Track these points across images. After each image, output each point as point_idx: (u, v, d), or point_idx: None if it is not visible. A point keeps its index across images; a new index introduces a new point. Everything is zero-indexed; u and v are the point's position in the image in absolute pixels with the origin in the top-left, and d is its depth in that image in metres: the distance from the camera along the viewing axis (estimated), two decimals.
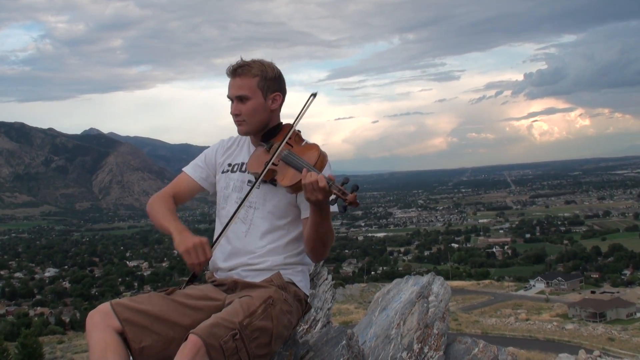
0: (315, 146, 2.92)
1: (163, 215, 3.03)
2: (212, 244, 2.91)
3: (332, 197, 2.53)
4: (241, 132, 3.11)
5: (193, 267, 2.80)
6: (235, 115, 3.04)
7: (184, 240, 2.79)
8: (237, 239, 3.05)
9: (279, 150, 2.91)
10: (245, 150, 3.24)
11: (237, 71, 3.01)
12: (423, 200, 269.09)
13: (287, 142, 2.96)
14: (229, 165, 3.23)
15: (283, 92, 3.14)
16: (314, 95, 2.96)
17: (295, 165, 2.80)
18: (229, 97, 3.06)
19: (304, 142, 3.05)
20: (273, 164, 2.90)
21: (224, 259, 3.09)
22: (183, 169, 3.31)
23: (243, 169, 3.15)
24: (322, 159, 2.83)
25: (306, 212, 2.90)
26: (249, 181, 3.08)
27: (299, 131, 3.08)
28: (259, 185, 3.00)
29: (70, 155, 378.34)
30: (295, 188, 2.80)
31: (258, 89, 3.02)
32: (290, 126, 3.03)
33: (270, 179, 3.00)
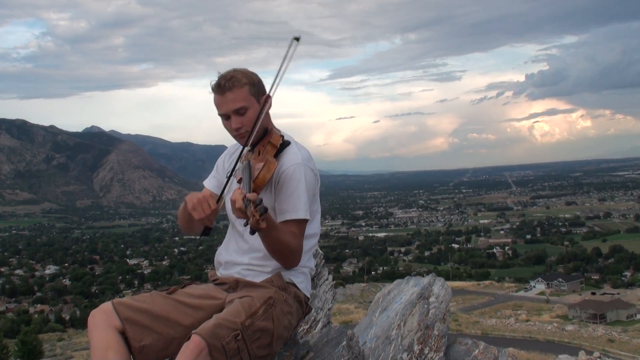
0: (264, 158, 2.89)
1: (180, 208, 3.11)
2: (218, 198, 2.93)
3: (246, 219, 2.52)
4: (244, 144, 3.03)
5: (201, 221, 2.83)
6: (238, 129, 2.98)
7: (190, 199, 2.85)
8: (237, 239, 3.09)
9: (241, 159, 2.96)
10: (237, 155, 3.21)
11: (226, 85, 2.94)
12: (424, 200, 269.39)
13: (258, 151, 2.96)
14: (228, 172, 3.21)
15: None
16: (296, 39, 2.87)
17: (244, 179, 2.81)
18: (222, 114, 2.99)
19: (276, 150, 2.99)
20: (240, 172, 2.92)
21: (230, 253, 3.12)
22: (205, 183, 3.36)
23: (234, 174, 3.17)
24: (263, 173, 2.81)
25: (280, 215, 2.92)
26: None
27: (282, 136, 3.04)
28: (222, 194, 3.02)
29: (71, 153, 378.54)
30: (259, 189, 2.83)
31: (251, 97, 2.99)
32: (270, 133, 3.03)
33: None
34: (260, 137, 3.03)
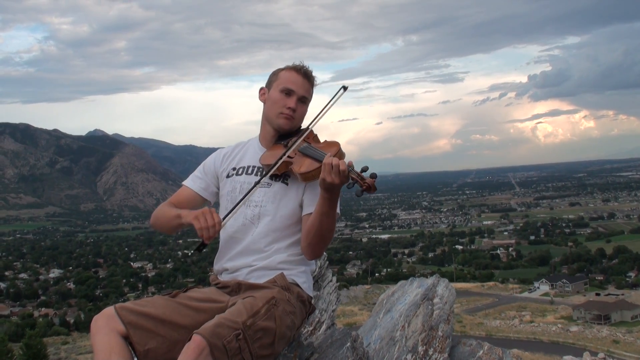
0: (336, 142, 3.03)
1: (169, 213, 3.09)
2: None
3: (350, 181, 2.62)
4: (285, 126, 3.16)
5: (202, 232, 2.78)
6: (292, 110, 3.13)
7: (193, 212, 2.88)
8: (244, 239, 3.08)
9: (297, 143, 3.00)
10: (250, 153, 3.29)
11: (310, 77, 3.19)
12: (427, 202, 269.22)
13: (304, 140, 3.05)
14: (234, 169, 3.26)
15: None
16: (344, 88, 3.07)
17: (312, 156, 2.88)
18: (291, 90, 3.13)
19: (324, 142, 3.13)
20: (289, 156, 2.96)
21: (231, 257, 3.11)
22: (183, 182, 3.33)
23: (249, 171, 3.20)
24: (341, 152, 2.94)
25: (309, 208, 2.99)
26: (256, 183, 3.07)
27: (316, 134, 3.19)
28: (269, 181, 3.07)
29: (75, 157, 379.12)
30: (310, 176, 2.87)
31: (311, 97, 3.25)
32: (312, 123, 3.13)
33: (284, 173, 3.07)
34: (292, 132, 3.19)
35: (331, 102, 3.04)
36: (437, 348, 4.11)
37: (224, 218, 2.89)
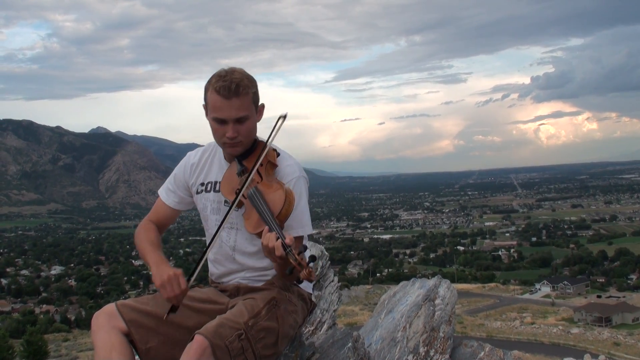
0: (279, 186, 2.74)
1: (144, 249, 2.97)
2: (190, 274, 2.77)
3: (289, 267, 2.41)
4: (235, 154, 2.87)
5: (169, 300, 2.69)
6: (233, 138, 2.79)
7: (159, 274, 2.70)
8: (226, 261, 3.03)
9: (246, 184, 2.75)
10: (216, 166, 3.07)
11: (238, 90, 2.73)
12: (429, 202, 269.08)
13: (257, 171, 2.79)
14: (202, 185, 3.08)
15: None
16: (283, 117, 2.78)
17: (259, 211, 2.64)
18: (222, 119, 2.77)
19: (275, 171, 2.89)
20: (243, 195, 2.75)
21: (220, 276, 3.10)
22: (159, 193, 3.20)
23: (217, 188, 3.01)
24: (286, 208, 2.66)
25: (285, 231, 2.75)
26: (226, 201, 2.96)
27: (275, 150, 2.92)
28: (236, 208, 2.84)
29: (77, 154, 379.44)
30: (259, 235, 2.65)
31: (252, 105, 2.82)
32: (263, 148, 2.83)
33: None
34: (248, 150, 2.89)
35: (272, 134, 2.77)
36: (439, 349, 4.11)
37: (191, 274, 2.76)
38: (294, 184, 2.85)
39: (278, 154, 2.93)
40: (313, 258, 2.42)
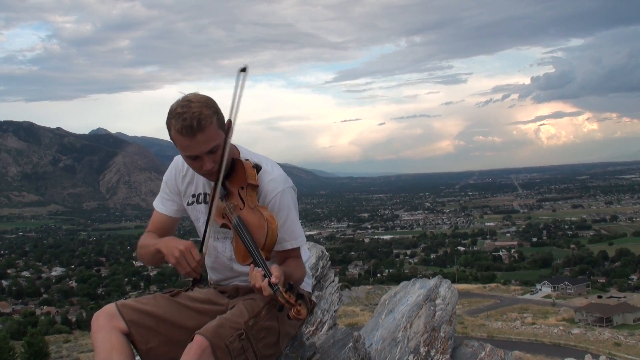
0: (260, 214, 2.66)
1: (148, 245, 2.96)
2: (200, 247, 2.79)
3: (279, 304, 2.38)
4: (215, 179, 2.77)
5: (188, 275, 2.73)
6: (211, 169, 2.72)
7: (171, 253, 2.72)
8: (224, 270, 3.05)
9: (227, 208, 2.75)
10: (202, 178, 3.00)
11: (197, 126, 2.60)
12: (430, 203, 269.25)
13: (239, 196, 2.75)
14: (193, 196, 3.05)
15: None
16: (243, 70, 2.64)
17: (244, 243, 2.60)
18: (194, 155, 2.70)
19: (257, 191, 2.82)
20: (229, 223, 2.74)
21: (218, 281, 3.11)
22: (154, 205, 3.15)
23: (207, 200, 2.97)
24: (270, 237, 2.61)
25: (277, 245, 2.75)
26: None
27: (254, 166, 2.82)
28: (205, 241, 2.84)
29: (78, 155, 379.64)
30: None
31: (219, 130, 2.70)
32: (243, 169, 2.79)
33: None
34: (229, 170, 2.82)
35: (237, 94, 2.65)
36: (439, 349, 4.11)
37: (201, 248, 2.79)
38: (279, 199, 2.81)
39: (258, 169, 2.84)
40: (300, 296, 2.39)
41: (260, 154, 2.99)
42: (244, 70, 2.63)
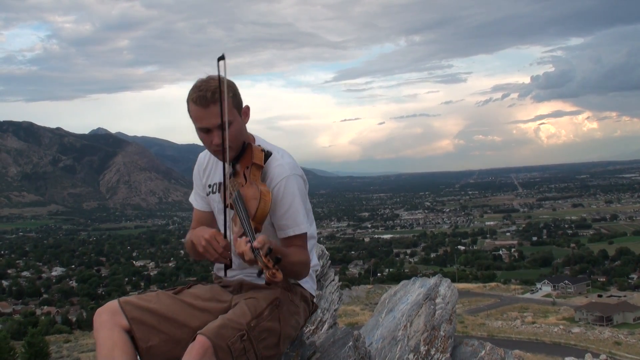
0: (255, 188, 2.72)
1: (187, 239, 3.01)
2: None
3: (258, 269, 2.41)
4: (226, 159, 2.84)
5: (217, 261, 2.81)
6: (220, 144, 2.77)
7: (199, 240, 2.76)
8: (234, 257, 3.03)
9: (228, 188, 2.79)
10: (220, 168, 3.05)
11: (212, 98, 2.71)
12: (430, 202, 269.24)
13: (242, 174, 2.83)
14: (209, 186, 3.13)
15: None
16: (221, 58, 2.68)
17: (240, 217, 2.64)
18: (205, 127, 2.79)
19: (262, 170, 2.86)
20: (231, 203, 2.76)
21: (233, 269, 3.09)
22: (190, 201, 3.24)
23: (221, 189, 2.99)
24: (261, 208, 2.66)
25: (280, 232, 2.85)
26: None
27: (263, 150, 2.88)
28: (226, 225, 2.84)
29: (78, 155, 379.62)
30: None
31: (234, 109, 2.81)
32: (251, 151, 2.86)
33: None
34: (239, 152, 2.89)
35: (223, 93, 2.70)
36: (439, 348, 4.12)
37: (224, 231, 2.81)
38: (284, 184, 2.82)
39: (268, 155, 2.89)
40: (278, 260, 2.40)
41: (276, 145, 3.04)
42: (222, 58, 2.67)
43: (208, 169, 3.15)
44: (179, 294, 2.93)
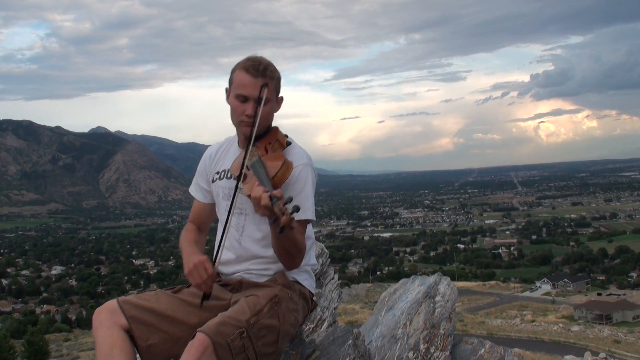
0: (280, 156, 2.82)
1: (181, 249, 3.05)
2: (212, 259, 2.90)
3: (274, 216, 2.44)
4: (248, 134, 2.91)
5: (199, 287, 2.82)
6: (251, 116, 2.87)
7: (187, 263, 2.83)
8: (232, 248, 3.03)
9: (248, 155, 2.85)
10: (230, 155, 3.15)
11: (265, 71, 2.87)
12: (429, 200, 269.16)
13: (264, 147, 2.90)
14: (217, 173, 3.17)
15: None
16: (265, 85, 2.85)
17: (258, 175, 2.70)
18: (245, 95, 2.87)
19: (283, 149, 2.94)
20: (247, 167, 2.82)
21: (225, 264, 3.09)
22: (190, 191, 3.30)
23: (229, 175, 3.09)
24: (282, 172, 2.74)
25: None
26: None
27: (286, 136, 3.01)
28: (235, 197, 2.91)
29: (77, 154, 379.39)
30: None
31: (274, 93, 2.94)
32: (276, 131, 3.00)
33: None
34: (262, 134, 2.97)
35: (260, 104, 2.85)
36: (439, 346, 4.12)
37: (214, 259, 2.89)
38: (300, 170, 2.90)
39: (289, 143, 3.00)
40: (297, 208, 2.42)
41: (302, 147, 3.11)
42: (266, 85, 2.86)
43: (218, 156, 3.22)
44: (177, 293, 2.94)
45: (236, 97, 2.90)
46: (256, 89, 2.85)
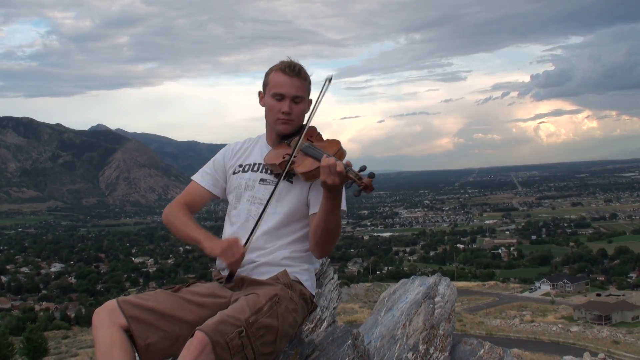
0: (337, 141, 3.05)
1: (186, 225, 3.12)
2: (245, 242, 2.96)
3: (349, 181, 2.62)
4: (285, 131, 3.14)
5: (230, 266, 2.88)
6: (287, 113, 3.10)
7: (218, 243, 2.90)
8: (246, 236, 3.04)
9: (300, 142, 3.00)
10: (256, 151, 3.29)
11: (300, 73, 3.11)
12: (429, 200, 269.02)
13: (307, 139, 3.06)
14: (240, 166, 3.27)
15: None
16: (329, 80, 3.02)
17: (313, 155, 2.89)
18: (282, 95, 3.09)
19: (326, 140, 3.14)
20: (294, 155, 2.96)
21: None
22: (192, 178, 3.36)
23: (255, 168, 3.21)
24: (342, 151, 2.95)
25: (315, 207, 2.98)
26: (261, 180, 3.15)
27: (319, 132, 3.20)
28: (274, 179, 3.09)
29: (77, 151, 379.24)
30: (311, 175, 2.88)
31: (307, 93, 3.17)
32: (308, 121, 3.13)
33: (287, 174, 3.05)
34: (295, 131, 3.16)
35: (320, 97, 3.05)
36: (438, 347, 4.11)
37: (246, 242, 2.96)
38: None
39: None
40: (372, 174, 2.63)
41: None
42: (330, 80, 3.03)
43: (241, 152, 3.35)
44: (177, 292, 2.94)
45: (272, 96, 3.11)
46: (292, 87, 3.08)
